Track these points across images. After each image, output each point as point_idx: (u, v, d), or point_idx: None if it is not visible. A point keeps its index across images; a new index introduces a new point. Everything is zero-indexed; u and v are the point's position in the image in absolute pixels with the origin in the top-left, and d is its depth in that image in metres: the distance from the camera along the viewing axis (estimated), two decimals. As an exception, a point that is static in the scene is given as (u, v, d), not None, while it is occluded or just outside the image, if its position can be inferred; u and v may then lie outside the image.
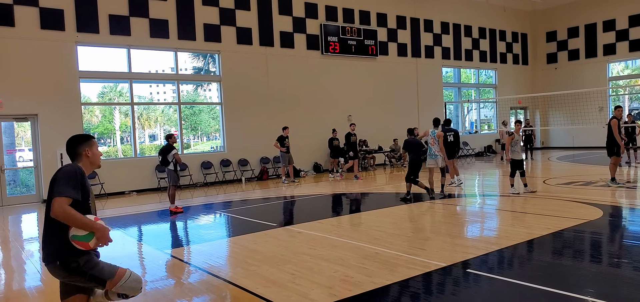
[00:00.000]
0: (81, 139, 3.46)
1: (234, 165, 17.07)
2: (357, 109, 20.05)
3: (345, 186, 14.52)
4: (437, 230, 7.66)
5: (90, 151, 3.42)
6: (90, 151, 3.42)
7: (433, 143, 10.95)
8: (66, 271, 3.16)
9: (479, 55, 24.92)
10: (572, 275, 5.21)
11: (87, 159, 3.42)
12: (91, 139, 3.49)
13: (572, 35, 25.95)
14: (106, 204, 13.12)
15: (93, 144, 3.47)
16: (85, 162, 3.41)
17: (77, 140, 3.45)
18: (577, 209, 8.80)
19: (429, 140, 11.06)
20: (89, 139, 3.48)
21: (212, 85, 18.05)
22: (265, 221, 9.16)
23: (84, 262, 3.19)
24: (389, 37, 21.28)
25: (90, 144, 3.45)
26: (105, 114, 19.00)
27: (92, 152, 3.43)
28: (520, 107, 27.02)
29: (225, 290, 5.33)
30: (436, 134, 10.98)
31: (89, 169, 3.43)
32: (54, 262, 3.15)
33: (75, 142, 3.43)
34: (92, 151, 3.44)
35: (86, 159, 3.41)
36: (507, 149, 10.79)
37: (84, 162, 3.40)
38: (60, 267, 3.15)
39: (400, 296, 4.81)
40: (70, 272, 3.16)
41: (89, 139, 3.48)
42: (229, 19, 16.92)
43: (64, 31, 13.97)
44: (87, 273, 3.19)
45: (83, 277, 3.20)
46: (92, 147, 3.45)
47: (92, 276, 3.21)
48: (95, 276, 3.23)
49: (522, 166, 10.94)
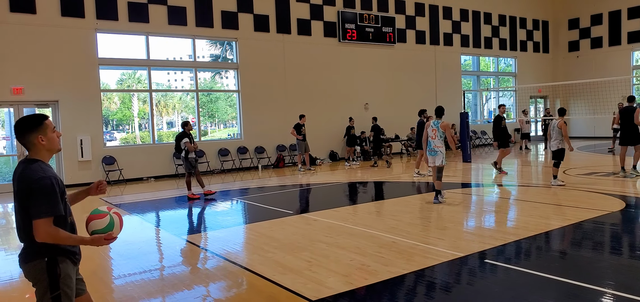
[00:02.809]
0: (30, 124, 2.82)
1: (250, 152, 17.14)
2: (374, 97, 19.94)
3: (361, 174, 14.49)
4: (455, 220, 7.61)
5: (44, 138, 2.84)
6: (45, 137, 2.84)
7: (434, 136, 9.04)
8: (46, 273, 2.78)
9: (498, 43, 24.52)
10: (592, 267, 5.12)
11: (42, 148, 2.84)
12: (43, 122, 2.85)
13: (596, 22, 25.33)
14: (125, 190, 13.31)
15: (47, 127, 2.85)
16: (41, 150, 2.84)
17: (26, 126, 2.82)
18: (598, 200, 8.64)
19: (429, 133, 9.16)
20: (40, 122, 2.84)
21: (229, 72, 18.10)
22: (282, 208, 9.20)
23: (63, 275, 2.83)
24: (407, 24, 21.05)
25: (43, 128, 2.83)
26: (123, 101, 19.22)
27: (48, 138, 2.85)
28: (540, 96, 26.56)
29: (241, 276, 5.37)
30: (440, 125, 9.05)
31: (47, 157, 2.89)
32: (42, 258, 2.77)
33: (25, 129, 2.82)
34: (48, 137, 2.85)
35: (41, 146, 2.84)
36: (566, 136, 10.18)
37: (40, 151, 2.84)
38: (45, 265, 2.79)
39: (416, 285, 4.79)
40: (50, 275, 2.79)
41: (40, 122, 2.84)
42: (246, 6, 16.90)
43: (84, 18, 14.12)
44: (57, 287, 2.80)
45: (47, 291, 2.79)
46: (47, 131, 2.85)
47: (56, 297, 2.79)
48: (57, 298, 2.80)
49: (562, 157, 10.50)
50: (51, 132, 2.88)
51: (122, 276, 5.56)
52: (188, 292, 4.91)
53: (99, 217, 2.90)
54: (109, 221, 2.90)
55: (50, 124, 2.90)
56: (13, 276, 5.74)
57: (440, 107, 9.30)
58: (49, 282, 2.79)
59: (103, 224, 2.88)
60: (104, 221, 2.89)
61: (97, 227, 2.87)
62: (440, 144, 8.97)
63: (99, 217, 2.90)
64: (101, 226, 2.88)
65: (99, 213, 2.92)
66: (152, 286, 5.15)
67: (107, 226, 2.89)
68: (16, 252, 6.90)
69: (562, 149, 10.37)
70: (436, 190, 8.91)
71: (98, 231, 2.86)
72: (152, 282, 5.30)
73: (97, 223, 2.88)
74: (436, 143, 8.99)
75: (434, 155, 9.03)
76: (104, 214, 2.92)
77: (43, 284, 2.81)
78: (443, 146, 9.00)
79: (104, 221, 2.89)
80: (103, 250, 6.53)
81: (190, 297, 4.78)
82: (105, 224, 2.89)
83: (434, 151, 9.02)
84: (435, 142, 9.00)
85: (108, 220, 2.90)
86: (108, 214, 2.93)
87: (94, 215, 2.91)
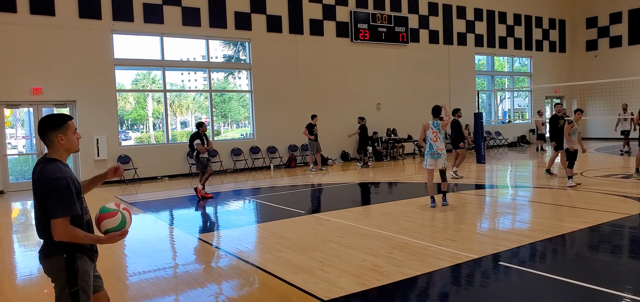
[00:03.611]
0: (53, 123, 2.88)
1: (262, 152, 17.21)
2: (387, 97, 19.88)
3: (373, 175, 14.46)
4: (468, 221, 7.55)
5: (64, 138, 2.89)
6: (65, 136, 2.89)
7: (436, 139, 8.58)
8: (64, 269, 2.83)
9: (513, 43, 24.26)
10: (610, 271, 5.05)
11: (61, 147, 2.89)
12: (66, 122, 2.91)
13: (615, 21, 24.92)
14: (139, 188, 13.45)
15: (68, 128, 2.91)
16: (60, 149, 2.89)
17: (48, 124, 2.89)
18: (616, 203, 8.51)
19: (430, 135, 8.67)
20: (63, 122, 2.90)
21: (242, 73, 18.19)
22: (294, 208, 9.22)
23: (82, 271, 2.88)
24: (420, 24, 20.95)
25: (64, 128, 2.89)
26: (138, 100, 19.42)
27: (67, 138, 2.90)
28: (557, 97, 26.23)
29: (254, 275, 5.40)
30: (441, 125, 8.59)
31: (65, 156, 2.93)
32: (61, 255, 2.82)
33: (46, 126, 2.88)
34: (67, 137, 2.90)
35: (60, 146, 2.89)
36: (566, 136, 10.17)
37: (58, 150, 2.89)
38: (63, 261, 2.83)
39: (429, 286, 4.77)
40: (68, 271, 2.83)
41: (62, 122, 2.90)
42: (259, 6, 16.97)
43: (101, 20, 14.31)
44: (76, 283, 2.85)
45: (66, 286, 2.84)
46: (67, 132, 2.90)
47: (74, 293, 2.84)
48: (75, 294, 2.85)
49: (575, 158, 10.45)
50: (72, 133, 2.93)
51: (137, 274, 5.63)
52: (201, 290, 4.95)
53: (110, 216, 2.93)
54: (121, 218, 2.95)
55: (72, 125, 2.95)
56: (33, 272, 5.85)
57: (437, 107, 8.75)
58: (68, 278, 2.85)
59: (116, 223, 2.92)
60: (116, 219, 2.93)
61: (110, 226, 2.91)
62: (443, 145, 8.64)
63: (109, 215, 2.93)
64: (114, 224, 2.92)
65: (109, 211, 2.95)
66: (166, 284, 5.21)
67: (119, 223, 2.93)
68: (35, 248, 7.04)
69: (574, 150, 10.31)
70: (443, 191, 8.74)
71: (111, 229, 2.91)
72: (166, 280, 5.35)
73: (110, 222, 2.92)
74: (438, 145, 8.59)
75: (437, 158, 8.61)
76: (114, 212, 2.95)
77: (62, 279, 2.86)
78: (444, 148, 8.70)
79: (116, 219, 2.93)
80: (118, 247, 6.61)
81: (204, 296, 4.82)
82: (117, 222, 2.93)
83: (437, 154, 8.60)
84: (437, 144, 8.59)
85: (120, 217, 2.94)
86: (118, 211, 2.96)
87: (104, 214, 2.93)
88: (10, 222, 9.66)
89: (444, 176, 8.76)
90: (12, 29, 13.09)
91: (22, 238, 8.08)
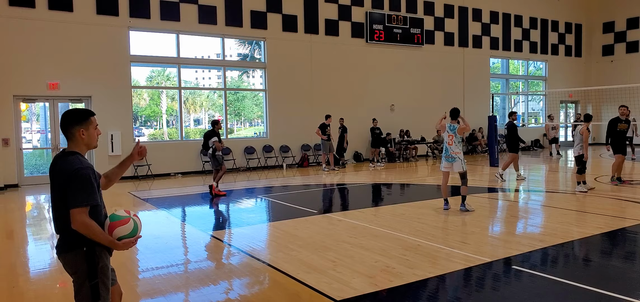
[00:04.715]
0: (77, 117, 2.95)
1: (275, 151, 17.26)
2: (400, 99, 19.83)
3: (386, 176, 14.42)
4: (481, 224, 7.51)
5: (86, 132, 2.95)
6: (87, 131, 2.96)
7: (451, 142, 8.45)
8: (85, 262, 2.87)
9: (528, 46, 24.04)
10: (625, 277, 4.99)
11: (81, 141, 2.95)
12: (89, 117, 2.98)
13: (632, 26, 24.58)
14: (152, 185, 13.58)
15: (90, 124, 2.98)
16: (80, 144, 2.95)
17: (72, 118, 2.94)
18: (631, 209, 8.40)
19: (445, 138, 8.59)
20: (86, 117, 2.97)
21: (256, 72, 18.27)
22: (306, 207, 9.24)
23: (102, 264, 2.93)
24: (436, 25, 20.85)
25: (87, 123, 2.96)
26: (152, 97, 19.60)
27: (88, 133, 2.97)
28: (571, 101, 25.94)
29: (265, 273, 5.43)
30: (457, 129, 8.42)
31: (85, 151, 2.99)
32: (80, 248, 2.86)
33: (69, 121, 2.94)
34: (89, 132, 2.97)
35: (81, 140, 2.95)
36: (585, 143, 10.09)
37: (79, 144, 2.95)
38: (83, 255, 2.87)
39: (441, 289, 4.76)
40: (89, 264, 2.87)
41: (86, 117, 2.97)
42: (275, 5, 17.02)
43: (118, 16, 14.47)
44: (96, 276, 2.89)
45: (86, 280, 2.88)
46: (89, 127, 2.97)
47: (94, 285, 2.88)
48: (95, 287, 2.89)
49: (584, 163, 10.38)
50: (93, 128, 3.01)
51: (149, 269, 5.68)
52: (213, 287, 4.99)
53: (122, 223, 2.95)
54: (133, 224, 2.98)
55: (94, 121, 3.03)
56: (46, 266, 5.93)
57: (456, 109, 8.61)
58: (88, 271, 2.89)
59: (128, 229, 2.95)
60: (129, 226, 2.96)
61: (123, 233, 2.94)
62: (458, 149, 8.45)
63: (121, 223, 2.95)
64: (127, 231, 2.95)
65: (121, 219, 2.96)
66: (179, 280, 5.26)
67: (132, 229, 2.97)
68: (48, 241, 7.16)
69: (582, 155, 10.26)
70: (462, 195, 8.56)
71: (125, 236, 2.94)
72: (178, 276, 5.40)
73: (122, 229, 2.94)
74: (454, 149, 8.42)
75: (452, 161, 8.45)
76: (126, 219, 2.97)
77: (82, 273, 2.90)
78: (461, 152, 8.50)
79: (129, 226, 2.96)
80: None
81: (216, 292, 4.86)
82: (130, 228, 2.96)
83: (452, 158, 8.44)
84: (452, 148, 8.44)
85: (132, 224, 2.97)
86: (130, 217, 2.98)
87: (116, 222, 2.94)
88: (24, 216, 9.81)
89: (464, 179, 8.51)
90: (31, 24, 13.29)
91: (36, 232, 8.21)
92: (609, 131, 11.61)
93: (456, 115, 8.53)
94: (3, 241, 7.60)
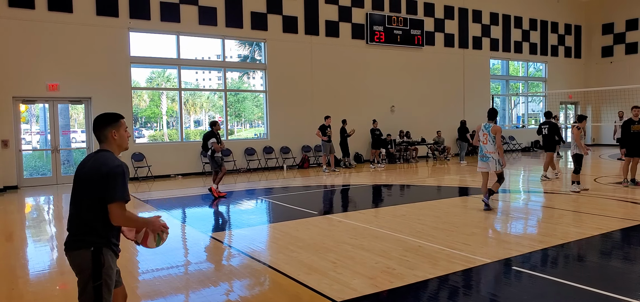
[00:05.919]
0: (109, 119, 3.13)
1: (276, 152, 17.26)
2: (401, 100, 19.83)
3: (386, 177, 14.42)
4: (482, 225, 7.50)
5: (117, 133, 3.12)
6: (118, 133, 3.12)
7: (486, 141, 8.57)
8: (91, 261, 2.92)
9: (528, 48, 24.06)
10: (624, 277, 4.99)
11: (114, 142, 3.12)
12: (119, 120, 3.16)
13: (631, 27, 24.61)
14: (153, 186, 13.56)
15: (121, 125, 3.15)
16: (113, 144, 3.12)
17: (104, 121, 3.12)
18: (630, 210, 8.39)
19: (481, 138, 8.72)
20: (117, 119, 3.16)
21: (256, 73, 18.27)
22: (306, 208, 9.23)
23: (106, 265, 2.98)
24: (436, 27, 20.86)
25: (117, 125, 3.13)
26: (153, 98, 19.60)
27: (119, 134, 3.13)
28: (571, 102, 25.95)
29: (266, 274, 5.42)
30: (491, 129, 8.51)
31: (117, 151, 3.14)
32: (88, 248, 2.92)
33: (103, 123, 3.12)
34: (119, 133, 3.13)
35: (113, 141, 3.12)
36: (577, 142, 10.22)
37: (111, 144, 3.12)
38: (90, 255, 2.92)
39: (441, 290, 4.75)
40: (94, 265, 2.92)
41: (117, 119, 3.15)
42: (275, 7, 17.03)
43: (118, 17, 14.47)
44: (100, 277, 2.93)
45: (90, 280, 2.92)
46: (120, 129, 3.14)
47: (98, 287, 2.92)
48: (98, 288, 2.93)
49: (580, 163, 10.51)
50: (124, 130, 3.19)
51: (149, 271, 5.68)
52: (214, 288, 4.99)
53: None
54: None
55: (124, 123, 3.21)
56: (45, 268, 5.92)
57: (494, 110, 8.75)
58: (93, 271, 2.93)
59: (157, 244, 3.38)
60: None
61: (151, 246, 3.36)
62: (493, 149, 8.48)
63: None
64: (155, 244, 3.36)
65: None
66: (179, 282, 5.25)
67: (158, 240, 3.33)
68: (47, 244, 7.14)
69: (579, 155, 10.37)
70: (493, 191, 8.58)
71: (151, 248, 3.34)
72: (178, 278, 5.40)
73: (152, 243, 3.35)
74: (488, 148, 8.53)
75: (486, 161, 8.57)
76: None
77: (87, 273, 2.95)
78: (495, 152, 8.48)
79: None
80: (131, 244, 6.65)
81: (216, 294, 4.85)
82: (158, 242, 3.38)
83: (485, 157, 8.57)
84: (486, 147, 8.56)
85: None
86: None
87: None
88: (24, 218, 9.80)
89: (501, 180, 8.62)
90: (30, 25, 13.29)
91: (35, 233, 8.20)
92: (623, 133, 11.53)
93: (494, 116, 8.65)
94: (2, 243, 7.59)
